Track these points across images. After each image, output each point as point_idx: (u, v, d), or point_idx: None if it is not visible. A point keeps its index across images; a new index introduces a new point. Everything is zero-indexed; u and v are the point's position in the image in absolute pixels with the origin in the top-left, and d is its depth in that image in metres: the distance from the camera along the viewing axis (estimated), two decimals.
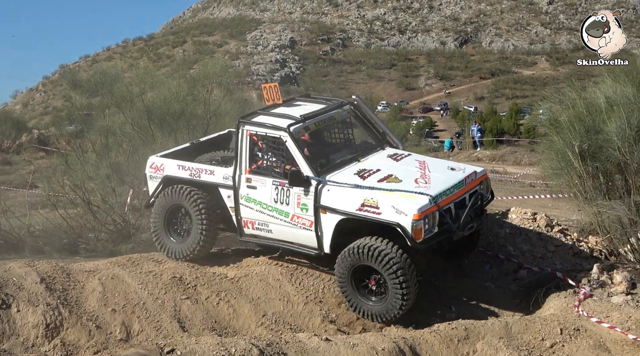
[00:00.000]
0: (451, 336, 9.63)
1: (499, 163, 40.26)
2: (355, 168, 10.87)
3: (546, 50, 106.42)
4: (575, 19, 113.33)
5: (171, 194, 11.65)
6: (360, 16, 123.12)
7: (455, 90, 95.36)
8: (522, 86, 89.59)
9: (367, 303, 10.28)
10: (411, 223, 9.65)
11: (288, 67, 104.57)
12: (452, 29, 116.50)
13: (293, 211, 10.66)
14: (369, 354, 8.96)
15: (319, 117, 11.60)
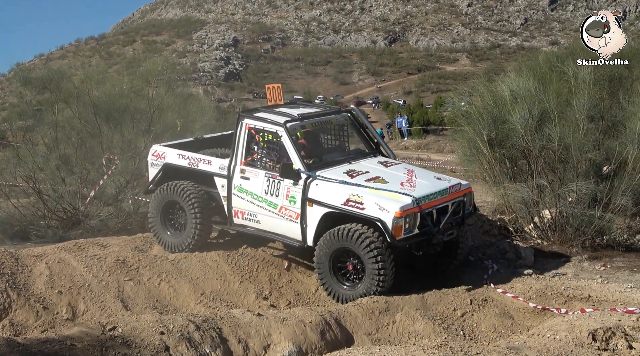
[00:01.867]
0: (373, 309, 9.75)
1: (424, 151, 40.72)
2: (345, 168, 10.73)
3: (466, 48, 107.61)
4: (491, 20, 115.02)
5: (166, 190, 11.57)
6: (298, 17, 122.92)
7: (386, 85, 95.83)
8: (446, 81, 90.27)
9: (341, 287, 10.14)
10: (392, 219, 9.53)
11: (232, 64, 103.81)
12: (382, 29, 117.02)
13: (281, 203, 10.52)
14: (298, 327, 9.01)
15: (316, 119, 11.46)
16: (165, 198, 11.61)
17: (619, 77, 14.77)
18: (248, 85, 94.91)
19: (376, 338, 9.31)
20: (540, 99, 13.10)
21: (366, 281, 9.81)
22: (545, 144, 12.98)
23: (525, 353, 7.70)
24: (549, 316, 9.46)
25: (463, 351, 7.45)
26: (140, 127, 16.46)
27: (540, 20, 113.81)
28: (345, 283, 10.13)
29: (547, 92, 13.26)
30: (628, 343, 8.01)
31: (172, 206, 11.68)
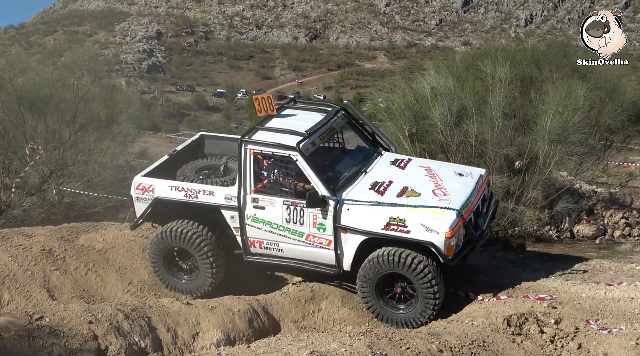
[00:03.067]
0: (299, 297, 9.75)
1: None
2: (367, 181, 9.60)
3: (384, 46, 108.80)
4: (408, 20, 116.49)
5: (169, 237, 9.92)
6: (221, 12, 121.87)
7: (307, 80, 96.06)
8: (364, 77, 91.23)
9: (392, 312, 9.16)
10: (444, 241, 8.67)
11: (155, 57, 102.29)
12: (303, 25, 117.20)
13: (308, 231, 9.32)
14: (226, 315, 8.95)
15: (322, 130, 10.10)
16: (167, 245, 10.01)
17: (530, 77, 15.21)
18: (171, 77, 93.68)
19: (302, 325, 9.33)
20: (459, 97, 13.31)
21: (420, 304, 8.93)
22: (463, 140, 13.19)
23: (446, 338, 7.82)
24: (467, 303, 9.63)
25: (387, 337, 7.52)
26: (65, 118, 16.01)
27: (453, 22, 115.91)
28: (397, 305, 9.19)
29: (464, 90, 13.50)
30: (540, 328, 8.22)
31: (172, 250, 10.15)
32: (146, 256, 10.47)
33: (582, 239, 13.83)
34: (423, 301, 8.85)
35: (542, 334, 8.14)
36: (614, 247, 13.36)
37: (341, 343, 7.10)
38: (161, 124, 54.72)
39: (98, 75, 18.13)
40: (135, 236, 11.26)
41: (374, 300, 9.13)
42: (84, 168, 16.20)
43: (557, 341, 8.03)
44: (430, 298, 8.80)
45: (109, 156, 17.09)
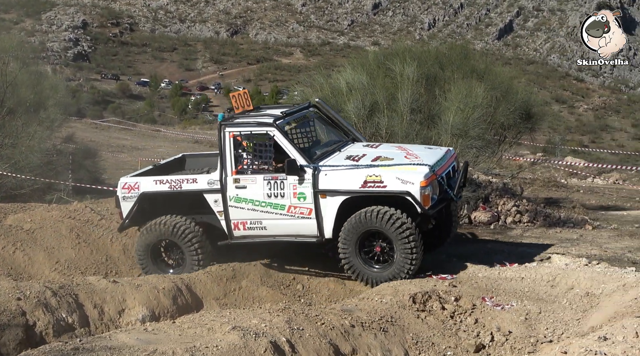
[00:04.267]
0: (221, 276, 9.70)
1: None
2: (343, 155, 9.59)
3: (300, 43, 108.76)
4: (322, 19, 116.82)
5: (156, 230, 9.71)
6: (146, 5, 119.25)
7: (228, 72, 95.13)
8: (282, 72, 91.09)
9: (371, 270, 9.09)
10: (419, 190, 8.58)
11: (80, 46, 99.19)
12: (225, 21, 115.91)
13: (289, 202, 9.20)
14: (152, 292, 8.83)
15: (296, 115, 10.20)
16: (155, 237, 9.79)
17: (434, 76, 15.49)
18: (96, 66, 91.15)
19: (224, 302, 9.29)
20: (371, 92, 13.48)
21: (398, 261, 8.85)
22: (375, 132, 13.38)
23: (357, 314, 7.91)
24: None
25: (304, 313, 7.55)
26: None
27: (364, 23, 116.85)
28: (374, 265, 9.11)
29: (376, 86, 13.66)
30: (441, 305, 8.41)
31: (160, 243, 9.94)
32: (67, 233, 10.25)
33: (478, 225, 14.23)
34: (401, 257, 8.76)
35: (444, 310, 8.34)
36: (506, 232, 13.81)
37: (261, 319, 7.10)
38: (87, 110, 53.27)
39: (25, 62, 17.50)
40: (63, 217, 10.98)
41: (354, 260, 9.02)
42: (11, 151, 15.68)
43: (457, 317, 8.24)
44: (408, 253, 8.72)
45: (36, 140, 16.61)
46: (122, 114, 56.54)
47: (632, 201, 19.60)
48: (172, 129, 45.13)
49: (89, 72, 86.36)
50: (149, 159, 26.37)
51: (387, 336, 7.65)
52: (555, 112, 64.30)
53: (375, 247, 8.98)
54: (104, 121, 46.88)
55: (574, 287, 8.62)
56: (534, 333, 7.82)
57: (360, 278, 9.15)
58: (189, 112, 62.02)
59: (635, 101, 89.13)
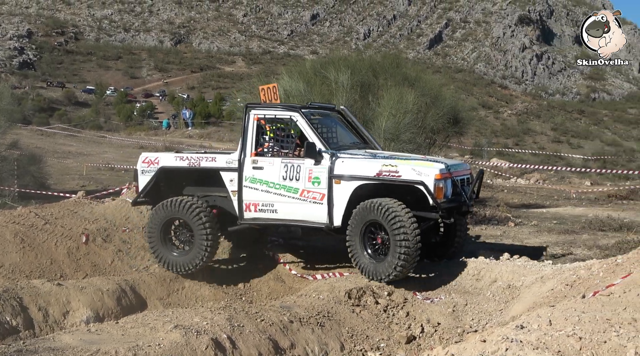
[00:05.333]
0: (164, 277, 9.60)
1: (206, 139, 40.38)
2: (361, 151, 9.40)
3: (242, 52, 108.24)
4: (263, 29, 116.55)
5: (170, 207, 9.37)
6: (91, 15, 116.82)
7: (172, 80, 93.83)
8: (224, 80, 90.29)
9: (368, 261, 8.66)
10: (434, 181, 8.24)
11: (26, 54, 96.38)
12: (169, 30, 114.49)
13: (303, 186, 8.86)
14: (96, 294, 8.67)
15: (321, 111, 10.03)
16: (167, 215, 9.44)
17: (368, 84, 15.61)
18: (42, 74, 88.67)
19: (167, 302, 9.20)
20: (309, 99, 13.49)
21: (389, 255, 8.39)
22: None
23: (295, 311, 7.93)
24: (312, 281, 9.80)
25: (245, 311, 7.54)
26: None
27: (303, 33, 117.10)
28: (372, 256, 8.68)
29: (313, 93, 13.69)
30: (375, 300, 8.50)
31: (171, 223, 9.61)
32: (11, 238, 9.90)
33: None
34: (393, 249, 8.30)
35: (377, 305, 8.44)
36: None
37: (203, 317, 7.06)
38: (32, 117, 51.88)
39: None
40: (7, 222, 10.63)
41: (356, 248, 8.67)
42: None
43: (389, 311, 8.35)
44: (398, 246, 8.22)
45: None
46: (68, 120, 55.18)
47: (551, 199, 20.14)
48: (117, 135, 44.29)
49: (35, 80, 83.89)
50: (95, 164, 25.87)
51: (324, 330, 7.69)
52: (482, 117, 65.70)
53: (377, 238, 8.61)
54: (50, 127, 45.70)
55: (497, 280, 8.82)
56: (460, 324, 7.98)
57: (359, 267, 8.75)
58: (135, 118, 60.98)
59: (554, 107, 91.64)
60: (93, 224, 10.92)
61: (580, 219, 15.09)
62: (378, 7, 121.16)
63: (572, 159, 40.71)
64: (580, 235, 12.97)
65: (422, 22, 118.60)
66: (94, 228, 10.96)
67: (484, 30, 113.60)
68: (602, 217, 14.96)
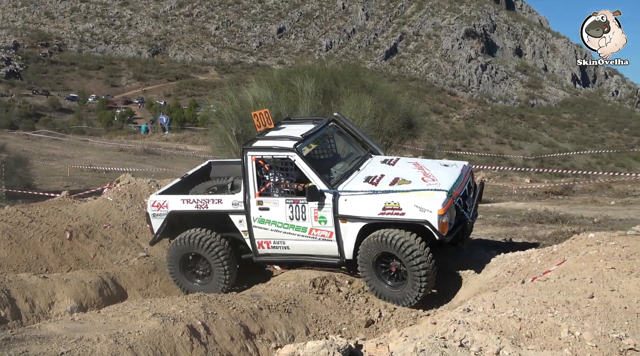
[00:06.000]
0: (143, 269, 9.49)
1: (182, 143, 40.03)
2: (361, 176, 8.52)
3: (214, 62, 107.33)
4: (234, 41, 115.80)
5: (184, 243, 8.84)
6: (73, 28, 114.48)
7: (150, 88, 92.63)
8: (198, 88, 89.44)
9: (386, 289, 8.06)
10: (437, 218, 7.56)
11: (12, 64, 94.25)
12: (146, 42, 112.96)
13: (311, 225, 8.25)
14: (79, 286, 8.56)
15: (316, 135, 9.01)
16: (183, 250, 8.91)
17: (330, 91, 15.65)
18: (28, 83, 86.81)
19: (146, 292, 9.11)
20: (276, 105, 13.48)
21: (409, 284, 7.79)
22: None
23: (265, 299, 7.90)
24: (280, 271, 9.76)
25: (218, 300, 7.48)
26: None
27: (270, 44, 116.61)
28: (390, 283, 8.07)
29: (280, 100, 13.68)
30: (337, 287, 8.51)
31: (190, 256, 9.02)
32: None
33: None
34: (411, 279, 7.74)
35: (339, 292, 8.44)
36: None
37: (179, 306, 6.99)
38: (19, 123, 50.80)
39: None
40: None
41: (372, 279, 8.07)
42: None
43: (350, 297, 8.37)
44: (417, 276, 7.66)
45: None
46: (53, 126, 54.09)
47: (495, 195, 20.41)
48: (99, 139, 43.60)
49: (21, 88, 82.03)
50: (78, 166, 25.46)
51: (290, 316, 7.68)
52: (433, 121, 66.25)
53: (391, 267, 7.97)
54: (36, 132, 44.78)
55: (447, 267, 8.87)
56: (414, 308, 8.03)
57: (382, 298, 8.13)
58: (115, 124, 60.11)
59: (497, 112, 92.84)
60: (76, 222, 10.75)
61: (520, 212, 15.32)
62: (339, 22, 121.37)
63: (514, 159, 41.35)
64: (521, 227, 13.18)
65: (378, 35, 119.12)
66: (77, 225, 10.79)
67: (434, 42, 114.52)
68: (539, 211, 15.20)
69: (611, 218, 14.12)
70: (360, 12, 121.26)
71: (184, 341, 6.26)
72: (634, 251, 6.18)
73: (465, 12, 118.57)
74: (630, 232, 8.27)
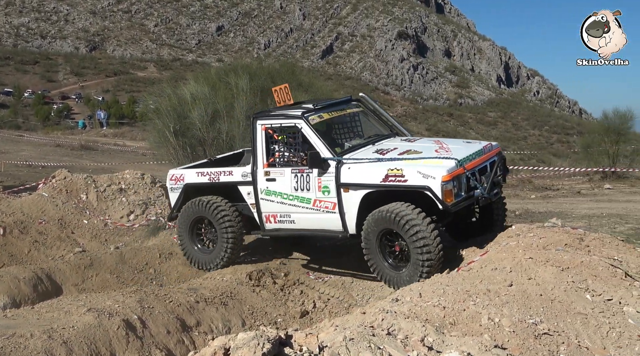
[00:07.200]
0: (79, 264, 9.21)
1: (120, 138, 39.09)
2: (373, 149, 7.94)
3: (154, 59, 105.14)
4: (173, 39, 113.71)
5: (193, 207, 8.80)
6: (8, 22, 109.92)
7: (88, 84, 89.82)
8: (137, 84, 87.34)
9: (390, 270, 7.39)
10: (440, 185, 6.83)
11: None
12: (84, 38, 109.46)
13: (315, 195, 7.75)
14: (12, 282, 8.23)
15: (331, 108, 8.52)
16: (192, 214, 8.85)
17: (267, 88, 15.59)
18: None
19: (82, 288, 8.83)
20: (213, 101, 13.34)
21: (411, 263, 7.08)
22: (217, 135, 13.27)
23: (201, 292, 7.81)
24: None
25: (154, 294, 7.35)
26: None
27: (209, 42, 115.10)
28: (393, 265, 7.40)
29: (217, 97, 13.55)
30: (273, 280, 8.51)
31: (200, 222, 8.97)
32: None
33: None
34: (413, 262, 7.02)
35: (275, 284, 8.44)
36: None
37: (115, 301, 6.83)
38: None
39: None
40: None
41: (374, 257, 7.43)
42: None
43: (286, 289, 8.38)
44: (419, 259, 6.93)
45: None
46: None
47: None
48: (35, 134, 42.06)
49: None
50: (12, 161, 24.50)
51: (227, 308, 7.62)
52: None
53: (395, 246, 7.34)
54: None
55: None
56: (347, 299, 8.10)
57: (381, 277, 7.53)
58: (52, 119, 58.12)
59: (428, 110, 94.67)
60: (10, 217, 10.36)
61: None
62: (277, 21, 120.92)
63: None
64: None
65: (315, 35, 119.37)
66: (11, 221, 10.40)
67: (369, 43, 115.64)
68: None
69: (531, 210, 14.61)
70: (298, 12, 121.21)
71: (120, 335, 6.13)
72: (550, 242, 6.42)
73: (398, 15, 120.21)
74: (547, 224, 8.61)
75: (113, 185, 12.99)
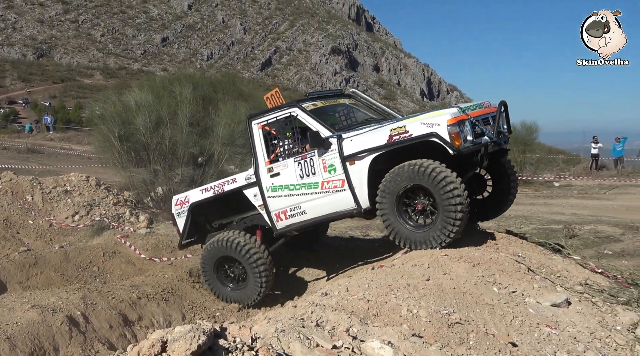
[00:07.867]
0: (24, 263, 8.87)
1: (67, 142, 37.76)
2: (371, 127, 7.07)
3: (100, 67, 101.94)
4: (119, 48, 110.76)
5: (219, 247, 7.72)
6: None
7: (35, 89, 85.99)
8: (84, 90, 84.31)
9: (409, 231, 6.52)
10: (447, 128, 6.15)
11: None
12: (31, 45, 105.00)
13: (321, 177, 7.02)
14: None
15: (324, 97, 8.01)
16: (219, 253, 7.78)
17: (209, 98, 15.44)
18: None
19: (27, 285, 8.50)
20: (157, 109, 13.09)
21: (440, 221, 6.23)
22: (160, 141, 13.02)
23: (144, 289, 7.67)
24: (159, 263, 9.52)
25: (98, 290, 7.16)
26: None
27: (155, 52, 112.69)
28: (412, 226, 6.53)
29: (161, 104, 13.30)
30: None
31: (225, 261, 7.88)
32: None
33: None
34: (445, 214, 6.20)
35: None
36: None
37: (59, 298, 6.61)
38: None
39: None
40: None
41: (392, 217, 6.55)
42: None
43: None
44: (452, 211, 6.14)
45: None
46: None
47: None
48: None
49: None
50: None
51: (168, 304, 7.51)
52: None
53: (417, 205, 6.49)
54: None
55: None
56: (282, 294, 8.11)
57: (401, 241, 6.61)
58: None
59: None
60: None
61: None
62: (219, 34, 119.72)
63: None
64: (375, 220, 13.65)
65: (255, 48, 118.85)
66: None
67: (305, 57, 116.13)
68: None
69: None
70: (239, 26, 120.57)
71: (63, 330, 5.93)
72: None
73: (332, 32, 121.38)
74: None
75: (58, 187, 12.55)
